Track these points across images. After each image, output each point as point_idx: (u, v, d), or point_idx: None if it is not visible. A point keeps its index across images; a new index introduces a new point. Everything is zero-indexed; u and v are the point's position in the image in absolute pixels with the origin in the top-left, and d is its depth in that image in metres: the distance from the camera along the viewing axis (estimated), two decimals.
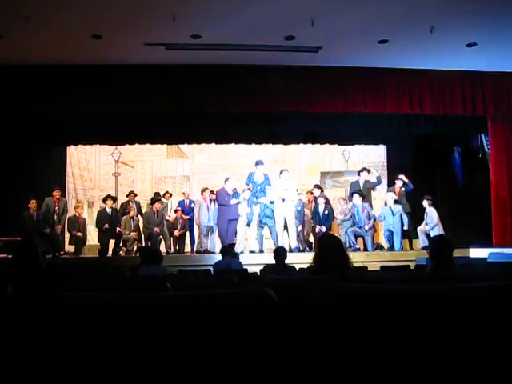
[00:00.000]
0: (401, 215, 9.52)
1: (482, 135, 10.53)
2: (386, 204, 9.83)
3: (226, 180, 9.75)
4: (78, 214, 10.16)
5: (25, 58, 8.56)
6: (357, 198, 9.53)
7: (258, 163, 9.66)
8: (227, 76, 9.19)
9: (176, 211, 10.21)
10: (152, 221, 9.58)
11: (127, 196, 10.53)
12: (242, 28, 7.65)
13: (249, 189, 9.51)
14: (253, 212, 9.52)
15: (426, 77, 9.41)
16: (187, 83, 9.17)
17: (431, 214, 9.63)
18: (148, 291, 2.05)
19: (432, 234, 9.26)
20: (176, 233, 9.99)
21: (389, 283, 2.28)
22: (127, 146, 11.67)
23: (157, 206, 9.78)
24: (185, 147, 12.65)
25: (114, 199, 10.10)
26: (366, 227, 9.42)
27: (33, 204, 9.57)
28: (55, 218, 9.63)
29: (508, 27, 7.64)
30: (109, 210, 9.74)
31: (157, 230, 9.51)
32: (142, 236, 9.95)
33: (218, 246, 9.21)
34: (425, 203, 9.73)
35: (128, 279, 3.67)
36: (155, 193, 10.85)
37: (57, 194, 9.75)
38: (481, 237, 10.01)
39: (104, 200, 9.98)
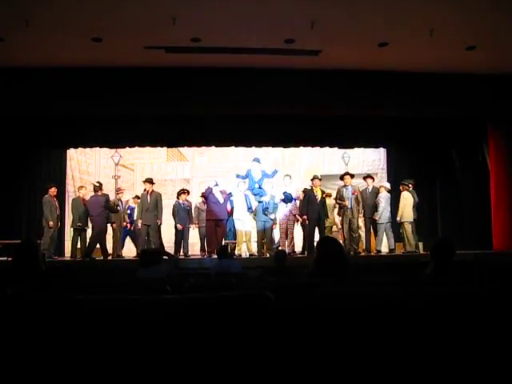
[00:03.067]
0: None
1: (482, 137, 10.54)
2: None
3: (216, 185, 10.02)
4: None
5: (25, 61, 8.55)
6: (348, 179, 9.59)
7: (255, 160, 9.87)
8: (227, 79, 9.19)
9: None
10: (180, 213, 9.96)
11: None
12: (242, 31, 7.66)
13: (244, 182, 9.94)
14: (250, 200, 9.86)
15: (425, 79, 9.41)
16: (187, 86, 9.18)
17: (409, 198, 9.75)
18: (148, 294, 2.05)
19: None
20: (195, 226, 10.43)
21: (387, 286, 2.28)
22: (127, 148, 11.65)
23: (183, 197, 10.19)
24: (185, 150, 12.66)
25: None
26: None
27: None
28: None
29: (507, 30, 7.65)
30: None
31: (180, 226, 9.93)
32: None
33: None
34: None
35: (128, 282, 3.66)
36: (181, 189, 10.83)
37: (54, 191, 9.67)
38: (481, 240, 10.01)
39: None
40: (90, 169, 12.59)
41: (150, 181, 10.01)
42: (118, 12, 7.02)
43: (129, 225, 10.61)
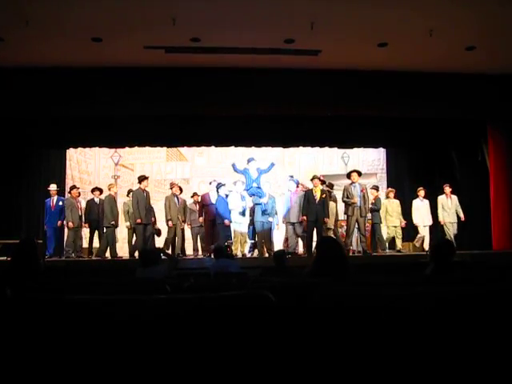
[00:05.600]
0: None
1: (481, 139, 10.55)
2: None
3: (210, 183, 10.05)
4: None
5: (25, 61, 8.56)
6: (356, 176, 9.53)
7: (250, 160, 9.89)
8: (227, 79, 9.20)
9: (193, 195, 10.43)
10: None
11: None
12: (242, 31, 7.66)
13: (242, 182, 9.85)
14: (245, 202, 9.90)
15: (425, 80, 9.42)
16: (187, 86, 9.18)
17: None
18: (147, 294, 2.05)
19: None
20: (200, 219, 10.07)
21: (388, 286, 2.28)
22: (127, 148, 11.65)
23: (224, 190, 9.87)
24: (184, 150, 12.66)
25: (101, 190, 10.19)
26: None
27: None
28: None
29: (507, 30, 7.65)
30: (97, 200, 9.93)
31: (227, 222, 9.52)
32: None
33: None
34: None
35: (127, 282, 3.66)
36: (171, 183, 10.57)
37: (75, 192, 9.91)
38: (480, 241, 10.01)
39: (92, 191, 10.15)
40: (90, 168, 12.58)
41: (147, 178, 9.81)
42: (118, 12, 7.02)
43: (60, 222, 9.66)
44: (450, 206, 9.99)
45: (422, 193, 10.17)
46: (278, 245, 10.05)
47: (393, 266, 7.82)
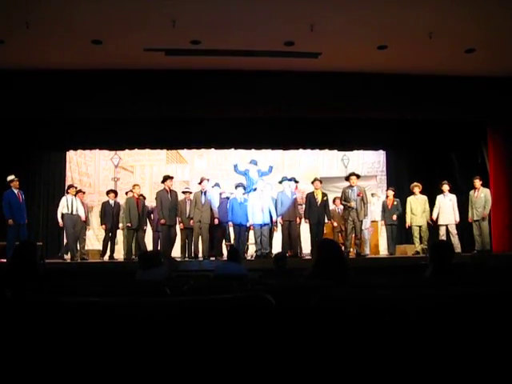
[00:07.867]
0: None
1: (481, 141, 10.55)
2: None
3: (214, 186, 10.06)
4: None
5: (25, 63, 8.58)
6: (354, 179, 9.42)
7: (252, 162, 9.93)
8: (227, 81, 9.21)
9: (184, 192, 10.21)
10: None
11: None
12: (242, 33, 7.68)
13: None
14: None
15: (425, 82, 9.43)
16: (187, 88, 9.19)
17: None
18: (147, 296, 2.05)
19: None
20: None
21: (387, 288, 2.28)
22: (127, 150, 11.67)
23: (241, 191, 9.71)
24: (184, 152, 12.66)
25: (116, 193, 10.22)
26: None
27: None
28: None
29: (507, 32, 7.66)
30: (111, 202, 9.95)
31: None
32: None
33: None
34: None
35: (127, 284, 3.66)
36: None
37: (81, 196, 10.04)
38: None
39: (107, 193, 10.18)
40: (90, 171, 12.58)
41: (171, 178, 9.68)
42: (118, 15, 7.03)
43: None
44: (474, 201, 9.46)
45: (445, 187, 9.63)
46: (276, 247, 10.00)
47: (394, 269, 7.83)
